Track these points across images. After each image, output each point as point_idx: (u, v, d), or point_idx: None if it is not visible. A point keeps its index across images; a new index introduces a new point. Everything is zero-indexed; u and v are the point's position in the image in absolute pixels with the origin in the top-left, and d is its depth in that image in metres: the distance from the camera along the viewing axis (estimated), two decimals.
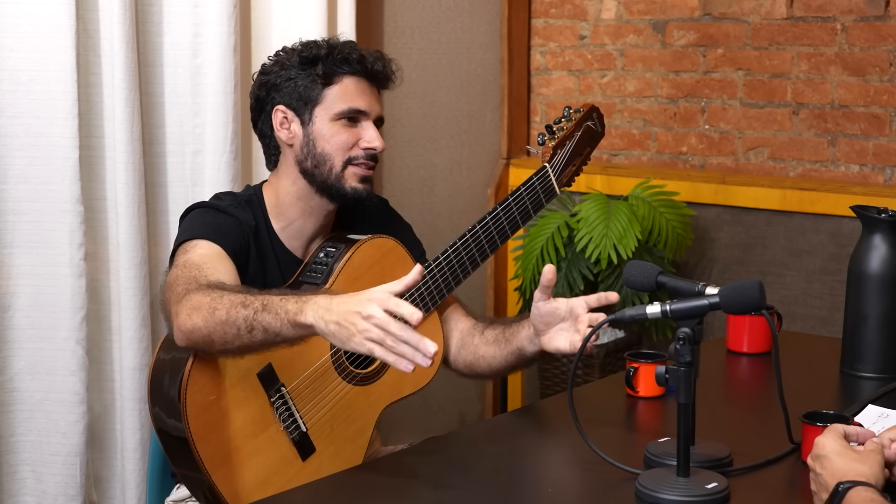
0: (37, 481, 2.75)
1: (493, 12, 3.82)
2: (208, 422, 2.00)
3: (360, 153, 2.23)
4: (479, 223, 2.29)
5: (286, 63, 2.25)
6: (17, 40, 2.63)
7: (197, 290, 1.96)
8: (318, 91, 2.22)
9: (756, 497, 1.78)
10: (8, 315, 2.69)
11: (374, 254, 2.23)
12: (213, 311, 1.91)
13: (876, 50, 3.26)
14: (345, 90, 2.23)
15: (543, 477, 1.89)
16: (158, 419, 2.06)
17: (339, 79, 2.22)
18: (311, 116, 2.22)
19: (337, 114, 2.22)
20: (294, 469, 2.07)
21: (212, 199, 2.27)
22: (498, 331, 2.31)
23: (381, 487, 1.82)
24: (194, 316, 1.92)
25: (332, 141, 2.22)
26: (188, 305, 1.94)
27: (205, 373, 1.99)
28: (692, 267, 3.60)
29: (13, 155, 2.65)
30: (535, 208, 2.35)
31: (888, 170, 3.28)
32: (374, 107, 2.26)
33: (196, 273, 2.02)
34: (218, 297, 1.92)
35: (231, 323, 1.89)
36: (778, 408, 1.89)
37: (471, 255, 2.28)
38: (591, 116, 2.44)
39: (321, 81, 2.21)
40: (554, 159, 2.36)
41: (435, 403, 3.72)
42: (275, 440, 2.06)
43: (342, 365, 2.16)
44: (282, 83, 2.24)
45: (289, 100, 2.24)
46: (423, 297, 2.23)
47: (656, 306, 1.73)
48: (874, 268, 2.31)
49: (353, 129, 2.24)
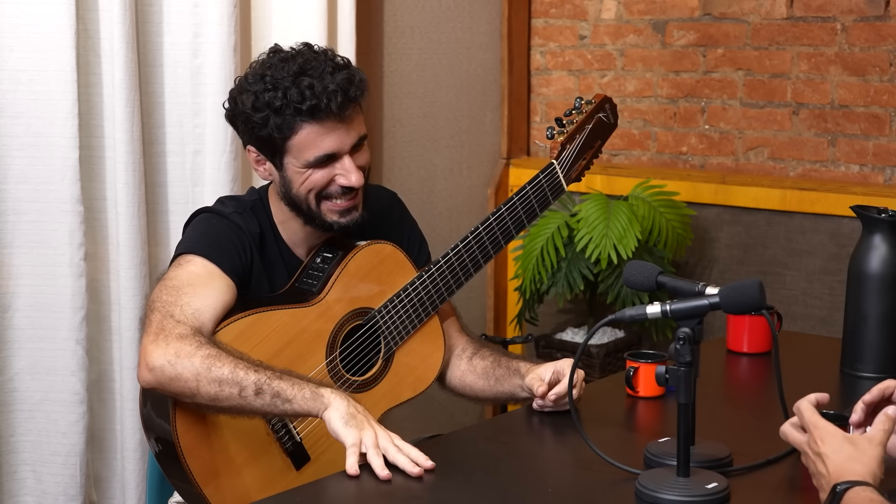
0: (37, 481, 2.75)
1: (493, 12, 3.82)
2: (198, 435, 2.00)
3: (336, 189, 2.14)
4: (483, 224, 2.25)
5: (245, 106, 2.11)
6: (17, 40, 2.63)
7: (181, 338, 1.96)
8: (280, 142, 2.11)
9: (756, 497, 1.78)
10: (8, 315, 2.69)
11: (371, 259, 2.21)
12: (210, 368, 1.93)
13: (876, 50, 3.26)
14: (307, 139, 2.10)
15: (543, 477, 1.89)
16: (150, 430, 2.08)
17: (298, 127, 2.09)
18: (281, 163, 2.14)
19: (305, 164, 2.12)
20: (288, 479, 2.07)
21: (216, 204, 2.24)
22: (487, 363, 2.29)
23: (380, 487, 1.82)
24: (178, 366, 1.94)
25: (306, 184, 2.13)
26: (170, 352, 1.95)
27: None
28: (692, 267, 3.60)
29: (13, 155, 2.65)
30: (541, 207, 2.29)
31: (888, 170, 3.28)
32: (346, 140, 2.12)
33: (174, 299, 2.02)
34: (215, 355, 1.94)
35: (234, 383, 1.92)
36: (778, 408, 1.89)
37: (473, 257, 2.25)
38: (603, 108, 2.39)
39: (279, 134, 2.09)
40: (562, 155, 2.30)
41: (435, 403, 3.72)
42: (268, 450, 2.06)
43: (338, 373, 2.15)
44: (246, 125, 2.13)
45: (256, 144, 2.15)
46: (423, 300, 2.22)
47: (656, 306, 1.73)
48: (874, 268, 2.31)
49: (327, 167, 2.13)
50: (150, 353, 1.96)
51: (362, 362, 2.20)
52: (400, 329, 2.20)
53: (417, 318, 2.22)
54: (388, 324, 2.19)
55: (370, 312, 2.19)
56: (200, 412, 2.00)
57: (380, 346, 2.21)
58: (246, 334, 2.06)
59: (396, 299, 2.20)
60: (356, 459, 1.84)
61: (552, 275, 3.37)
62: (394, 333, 2.20)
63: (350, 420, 1.89)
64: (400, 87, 3.58)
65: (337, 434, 1.89)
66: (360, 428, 1.88)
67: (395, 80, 3.55)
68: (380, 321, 2.19)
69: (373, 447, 1.85)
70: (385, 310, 2.19)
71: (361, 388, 2.17)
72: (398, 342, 2.21)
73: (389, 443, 1.87)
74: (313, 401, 1.93)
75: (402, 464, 1.84)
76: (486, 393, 2.29)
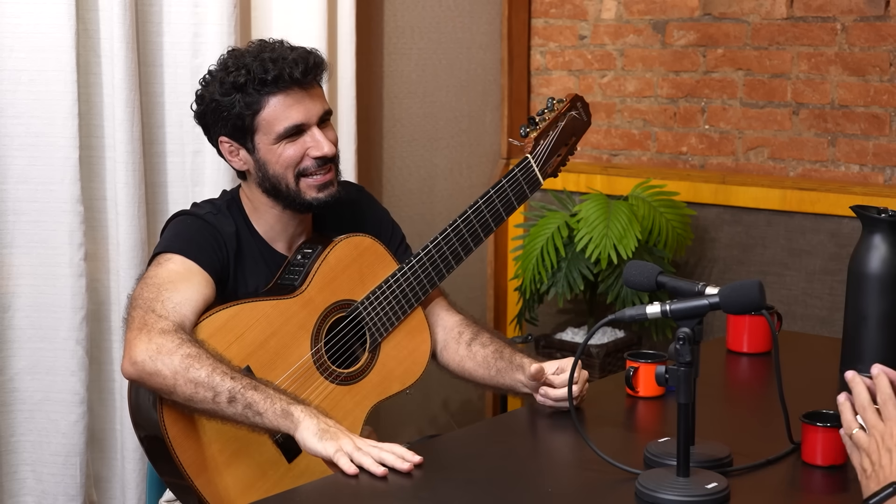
0: (37, 481, 2.75)
1: (493, 12, 3.82)
2: (186, 427, 2.00)
3: (311, 163, 2.17)
4: (461, 217, 2.28)
5: (211, 97, 2.17)
6: (17, 40, 2.63)
7: (163, 333, 1.97)
8: (249, 120, 2.15)
9: (756, 497, 1.78)
10: (8, 315, 2.69)
11: (350, 252, 2.23)
12: (188, 369, 1.94)
13: (876, 50, 3.26)
14: (275, 111, 2.14)
15: (543, 477, 1.89)
16: (139, 427, 2.08)
17: (265, 102, 2.14)
18: (253, 144, 2.18)
19: (276, 137, 2.15)
20: (280, 471, 2.07)
21: (191, 207, 2.27)
22: (488, 352, 2.29)
23: (380, 487, 1.82)
24: (158, 362, 1.96)
25: (280, 161, 2.17)
26: (151, 347, 1.97)
27: None
28: (692, 267, 3.60)
29: (13, 155, 2.65)
30: (518, 200, 2.32)
31: (888, 170, 3.28)
32: (313, 110, 2.17)
33: (155, 295, 2.04)
34: (195, 355, 1.96)
35: (209, 387, 1.94)
36: (778, 408, 1.89)
37: (453, 249, 2.27)
38: (575, 106, 2.42)
39: (248, 110, 2.14)
40: (537, 149, 2.33)
41: (435, 403, 3.72)
42: (258, 443, 2.06)
43: (324, 365, 2.15)
44: (216, 114, 2.18)
45: (229, 131, 2.19)
46: (405, 292, 2.24)
47: (656, 306, 1.73)
48: (874, 268, 2.31)
49: (297, 141, 2.17)
50: (134, 347, 1.98)
51: (347, 354, 2.20)
52: (384, 321, 2.22)
53: (401, 309, 2.24)
54: (371, 316, 2.21)
55: (353, 304, 2.20)
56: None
57: (364, 339, 2.21)
58: (228, 325, 2.07)
59: (378, 291, 2.22)
60: (347, 460, 1.83)
61: (552, 275, 3.37)
62: (378, 325, 2.21)
63: (324, 434, 1.88)
64: (400, 87, 3.58)
65: (315, 451, 1.87)
66: (335, 438, 1.87)
67: (395, 80, 3.55)
68: (363, 313, 2.20)
69: (356, 451, 1.84)
70: (368, 301, 2.21)
71: (348, 380, 2.18)
72: (383, 334, 2.22)
73: (371, 445, 1.86)
74: (283, 418, 1.92)
75: (390, 461, 1.83)
76: (486, 381, 2.29)
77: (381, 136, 3.53)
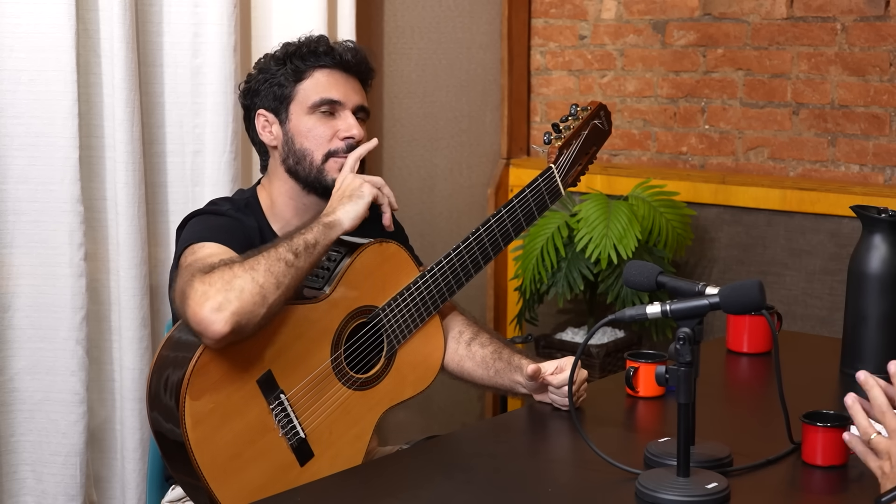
0: (37, 481, 2.75)
1: (493, 12, 3.82)
2: (207, 430, 1.99)
3: (340, 145, 2.24)
4: (484, 225, 2.27)
5: (263, 67, 2.29)
6: (17, 40, 2.63)
7: (213, 274, 1.98)
8: (290, 88, 2.25)
9: (756, 497, 1.78)
10: (8, 315, 2.69)
11: (376, 258, 2.22)
12: (252, 268, 1.98)
13: (876, 50, 3.26)
14: (316, 83, 2.25)
15: (543, 477, 1.89)
16: (156, 423, 2.06)
17: (310, 73, 2.25)
18: (287, 114, 2.25)
19: (310, 106, 2.24)
20: (293, 475, 2.07)
21: (208, 206, 2.27)
22: (487, 352, 2.29)
23: (380, 487, 1.82)
24: (232, 290, 1.95)
25: (310, 136, 2.24)
26: (216, 287, 1.95)
27: (205, 380, 1.98)
28: (692, 267, 3.60)
29: (13, 155, 2.65)
30: (539, 210, 2.32)
31: (888, 170, 3.28)
32: (351, 96, 2.27)
33: (197, 264, 2.02)
34: (237, 259, 2.01)
35: (279, 259, 2.01)
36: (778, 408, 1.89)
37: (473, 257, 2.27)
38: (598, 115, 2.42)
39: (293, 78, 2.25)
40: (560, 160, 2.32)
41: (435, 403, 3.72)
42: (274, 446, 2.05)
43: (342, 370, 2.15)
44: (261, 87, 2.28)
45: (268, 102, 2.27)
46: (426, 300, 2.23)
47: (656, 306, 1.73)
48: (874, 268, 2.31)
49: (330, 121, 2.25)
50: (207, 301, 1.94)
51: (365, 360, 2.20)
52: (402, 328, 2.21)
53: (419, 316, 2.23)
54: (391, 322, 2.20)
55: (374, 311, 2.20)
56: (208, 406, 1.99)
57: (382, 345, 2.21)
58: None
59: (399, 298, 2.21)
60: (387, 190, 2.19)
61: (552, 275, 3.37)
62: (396, 332, 2.21)
63: (350, 199, 2.13)
64: (400, 87, 3.58)
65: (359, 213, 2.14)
66: (359, 196, 2.13)
67: (395, 80, 3.55)
68: (383, 319, 2.20)
69: (381, 184, 2.17)
70: (388, 308, 2.20)
71: (364, 385, 2.17)
72: (400, 341, 2.22)
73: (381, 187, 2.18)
74: (329, 230, 2.09)
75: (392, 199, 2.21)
76: (484, 382, 2.29)
77: (381, 136, 3.52)
